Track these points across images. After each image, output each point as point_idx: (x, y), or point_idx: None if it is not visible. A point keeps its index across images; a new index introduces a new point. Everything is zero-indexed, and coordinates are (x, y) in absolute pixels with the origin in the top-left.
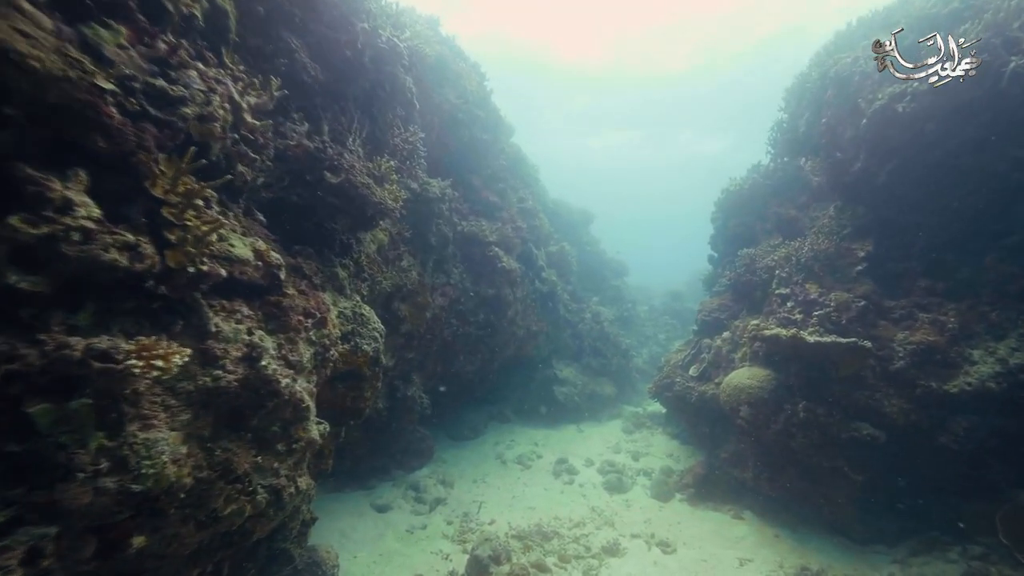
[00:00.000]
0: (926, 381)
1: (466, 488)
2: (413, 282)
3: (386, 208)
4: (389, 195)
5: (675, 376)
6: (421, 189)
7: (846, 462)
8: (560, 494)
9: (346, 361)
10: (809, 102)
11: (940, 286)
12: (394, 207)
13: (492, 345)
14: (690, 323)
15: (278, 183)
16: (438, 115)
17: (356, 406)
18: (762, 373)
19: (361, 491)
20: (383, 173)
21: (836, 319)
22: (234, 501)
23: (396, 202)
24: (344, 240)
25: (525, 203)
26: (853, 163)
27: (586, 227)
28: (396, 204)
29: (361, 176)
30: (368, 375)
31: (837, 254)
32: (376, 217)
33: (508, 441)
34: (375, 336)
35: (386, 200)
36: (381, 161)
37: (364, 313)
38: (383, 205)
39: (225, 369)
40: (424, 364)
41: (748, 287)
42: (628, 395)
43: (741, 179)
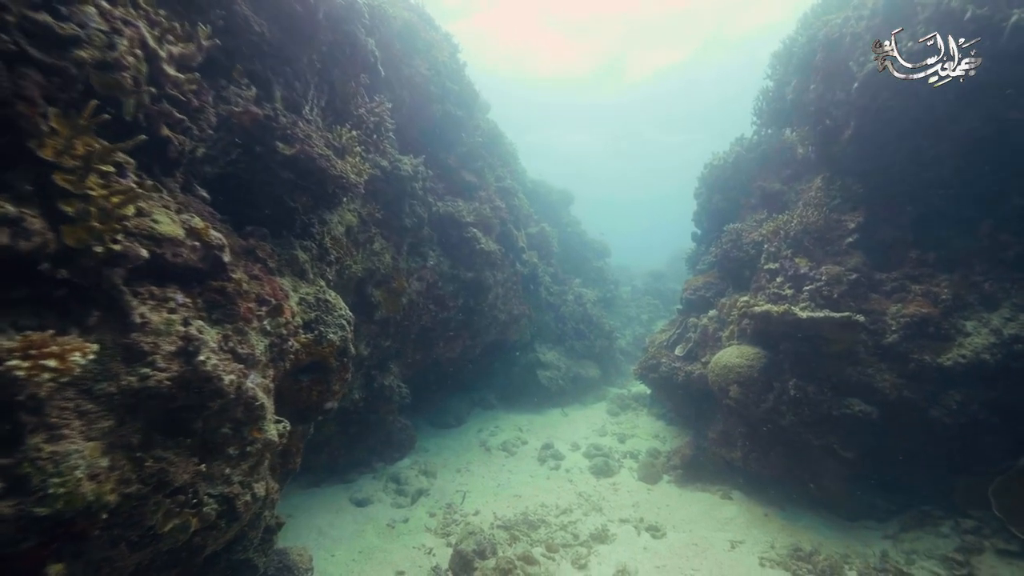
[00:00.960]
0: (919, 355)
1: (449, 478)
2: (387, 266)
3: (348, 183)
4: (352, 169)
5: (661, 357)
6: (392, 167)
7: (836, 439)
8: (546, 480)
9: (309, 352)
10: (796, 67)
11: (931, 256)
12: (357, 181)
13: (473, 330)
14: (672, 303)
15: (224, 156)
16: (408, 88)
17: (323, 400)
18: (751, 351)
19: (340, 485)
20: (344, 144)
21: (827, 293)
22: (176, 516)
23: (360, 176)
24: (305, 220)
25: (504, 182)
26: (843, 130)
27: (566, 208)
28: (360, 179)
29: (319, 147)
30: (335, 366)
31: (827, 226)
32: (339, 193)
33: (492, 428)
34: (342, 324)
35: (348, 174)
36: (342, 131)
37: (329, 299)
38: (344, 179)
39: (155, 366)
40: (402, 352)
41: (735, 263)
42: (612, 377)
43: (724, 153)
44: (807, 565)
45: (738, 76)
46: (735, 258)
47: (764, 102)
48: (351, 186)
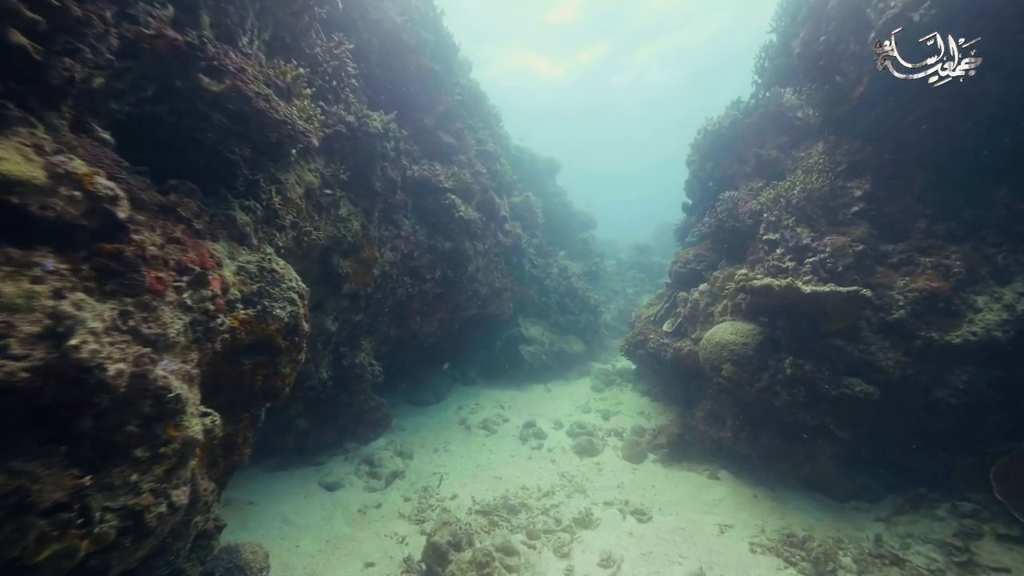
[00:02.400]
0: (927, 332)
1: (426, 458)
2: (355, 234)
3: (295, 130)
4: (299, 114)
5: (648, 333)
6: (359, 123)
7: (832, 419)
8: (528, 460)
9: (251, 330)
10: (806, 17)
11: (940, 227)
12: (306, 129)
13: (452, 304)
14: (658, 277)
15: (135, 91)
16: (378, 35)
17: (272, 385)
18: (746, 328)
19: (309, 468)
20: (290, 83)
21: (831, 266)
22: (55, 540)
23: (309, 123)
24: (249, 176)
25: (485, 145)
26: (855, 88)
27: (551, 177)
28: (309, 126)
29: (256, 84)
30: (284, 346)
31: (832, 194)
32: (285, 144)
33: (472, 405)
34: (292, 298)
35: (294, 119)
36: (287, 68)
37: (277, 269)
38: (290, 126)
39: (6, 353)
40: (375, 327)
41: (730, 234)
42: (597, 352)
43: (720, 117)
44: (800, 552)
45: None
46: (731, 228)
47: (766, 58)
48: (299, 134)
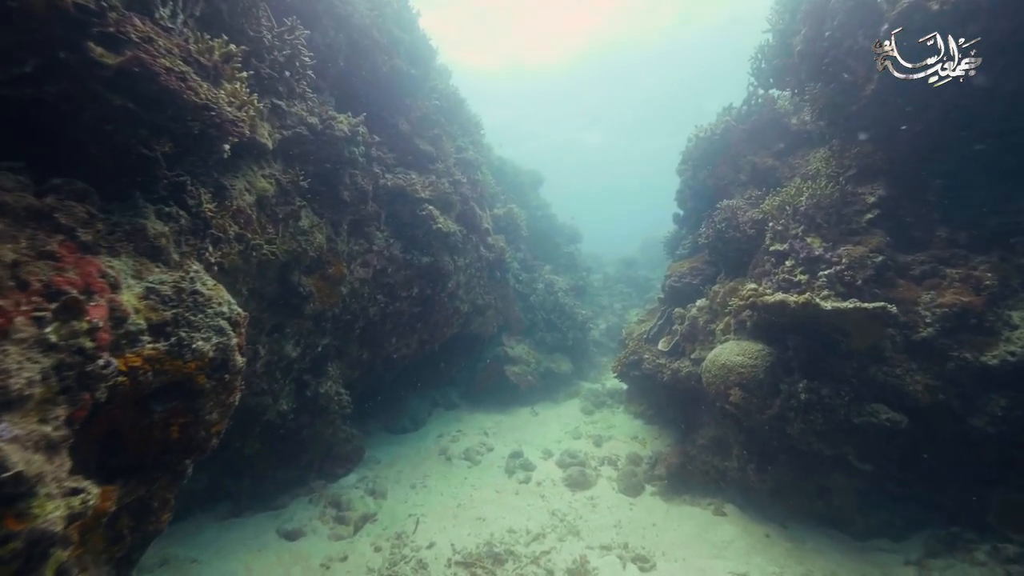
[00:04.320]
0: (959, 352)
1: (402, 497)
2: (318, 248)
3: (222, 119)
4: (229, 100)
5: (642, 352)
6: (323, 125)
7: (853, 450)
8: (515, 496)
9: (160, 369)
10: (808, 12)
11: (962, 235)
12: (237, 118)
13: (431, 323)
14: (646, 291)
15: (12, 66)
16: (346, 31)
17: (192, 436)
18: (754, 348)
19: (267, 513)
20: (218, 62)
21: (849, 279)
22: None
23: (243, 112)
24: (172, 178)
25: (465, 153)
26: (864, 85)
27: (535, 189)
28: (242, 115)
29: (168, 58)
30: (207, 387)
31: (843, 201)
32: (212, 137)
33: (454, 432)
34: (220, 327)
35: (220, 105)
36: (214, 43)
37: (202, 290)
38: (214, 113)
39: None
40: (345, 350)
41: (730, 245)
42: (586, 371)
43: (712, 124)
44: None
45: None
46: (730, 239)
47: (763, 60)
48: (227, 124)
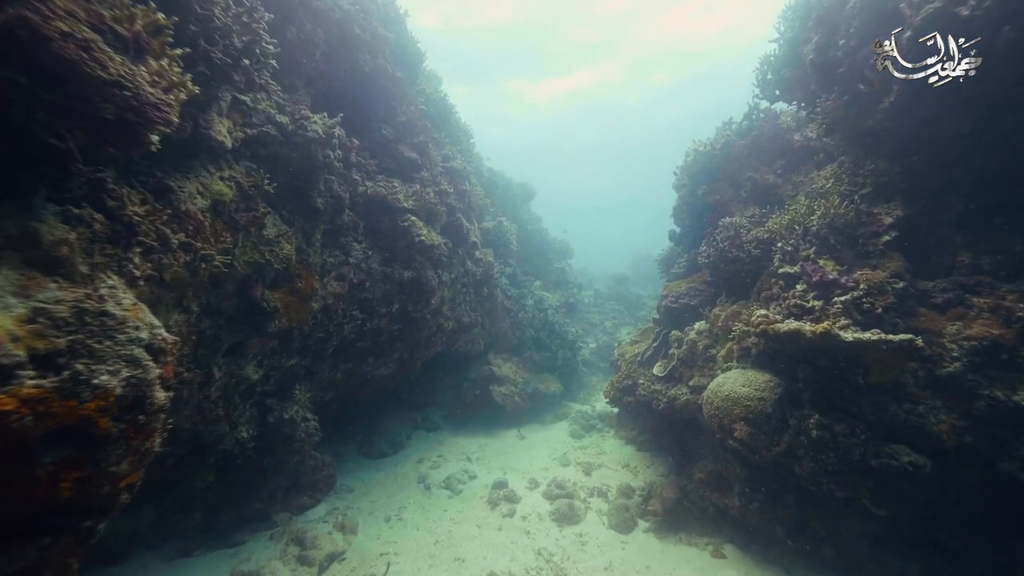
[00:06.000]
0: (989, 389)
1: (374, 532)
2: (285, 260)
3: (141, 102)
4: (152, 78)
5: (637, 377)
6: (295, 125)
7: (868, 493)
8: (498, 532)
9: (46, 411)
10: (820, 19)
11: (986, 261)
12: (162, 101)
13: (412, 342)
14: (638, 309)
15: None
16: (324, 26)
17: (91, 492)
18: (762, 379)
19: (222, 551)
20: (140, 32)
21: (868, 307)
22: None
23: (174, 96)
24: (91, 175)
25: (452, 162)
26: (882, 97)
27: (527, 203)
28: (173, 100)
29: (66, 22)
30: (114, 432)
31: (857, 221)
32: (131, 123)
33: (435, 457)
34: (134, 356)
35: (138, 84)
36: (136, 9)
37: (113, 311)
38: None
39: None
40: (316, 371)
41: (733, 266)
42: (575, 391)
43: (711, 139)
44: None
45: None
46: (733, 259)
47: (769, 71)
48: (147, 107)
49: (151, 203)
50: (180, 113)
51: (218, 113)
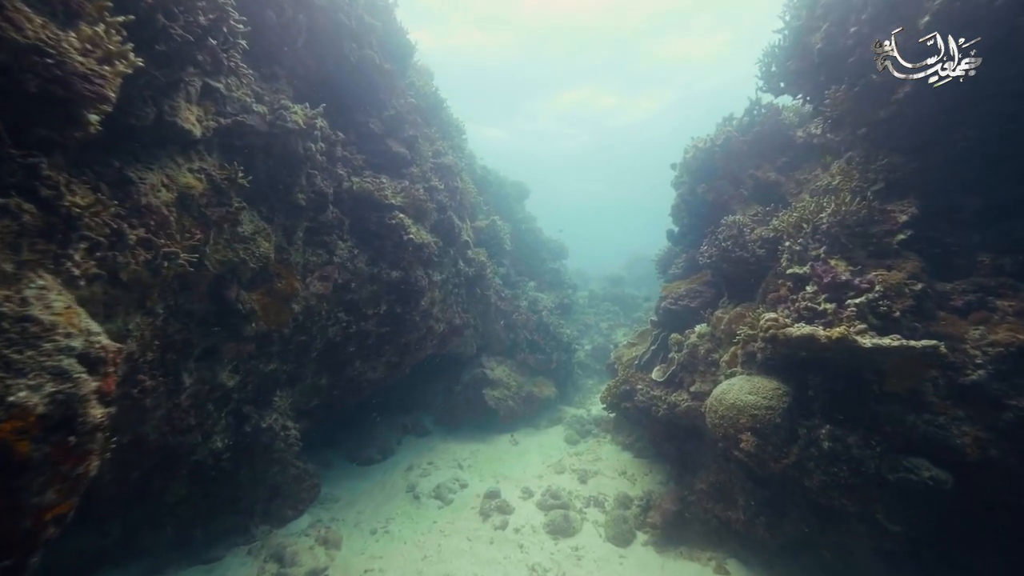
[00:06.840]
0: (1017, 399)
1: (359, 546)
2: (263, 258)
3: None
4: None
5: (635, 382)
6: (273, 115)
7: (883, 508)
8: (489, 545)
9: None
10: (829, 6)
11: (1007, 262)
12: (93, 72)
13: (400, 345)
14: (633, 310)
15: None
16: (307, 11)
17: (9, 528)
18: (769, 386)
19: (196, 569)
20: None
21: (885, 310)
22: None
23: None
24: (24, 160)
25: (443, 158)
26: (896, 89)
27: (521, 202)
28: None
29: None
30: (36, 457)
31: (870, 219)
32: (59, 98)
33: (425, 464)
34: (62, 368)
35: (64, 51)
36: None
37: (39, 315)
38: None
39: None
40: (299, 376)
41: (737, 266)
42: (570, 395)
43: (711, 135)
44: None
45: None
46: (737, 259)
47: (773, 62)
48: (75, 79)
49: (104, 194)
50: (141, 97)
51: (186, 99)
